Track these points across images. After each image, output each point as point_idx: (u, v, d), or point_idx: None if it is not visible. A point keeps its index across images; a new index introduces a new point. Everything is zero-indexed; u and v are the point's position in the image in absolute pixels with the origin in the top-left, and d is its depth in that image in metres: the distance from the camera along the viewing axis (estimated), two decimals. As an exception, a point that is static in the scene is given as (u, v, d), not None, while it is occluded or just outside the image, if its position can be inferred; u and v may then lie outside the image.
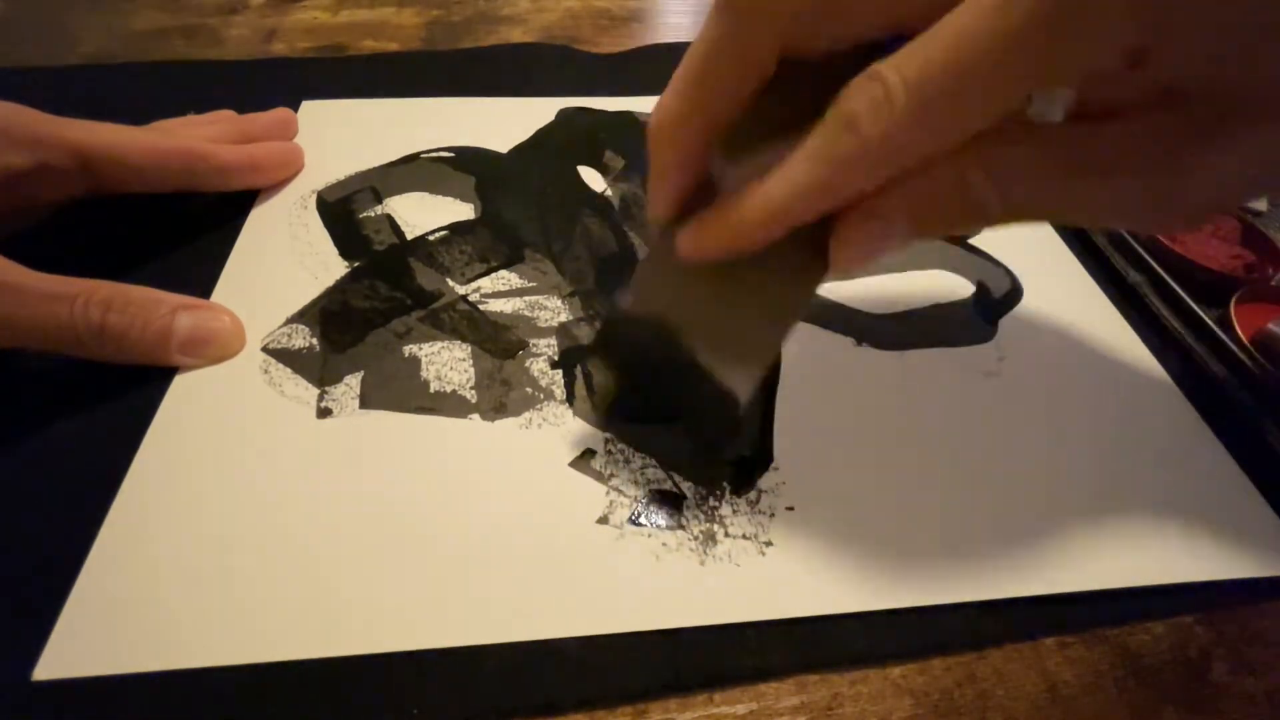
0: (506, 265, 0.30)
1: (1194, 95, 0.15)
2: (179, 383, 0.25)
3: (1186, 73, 0.14)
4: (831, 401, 0.26)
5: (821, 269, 0.17)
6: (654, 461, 0.23)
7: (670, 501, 0.22)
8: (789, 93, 0.17)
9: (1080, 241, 0.33)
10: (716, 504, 0.22)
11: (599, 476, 0.23)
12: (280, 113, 0.35)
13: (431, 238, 0.31)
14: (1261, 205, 0.35)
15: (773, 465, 0.24)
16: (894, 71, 0.14)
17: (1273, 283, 0.30)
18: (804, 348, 0.27)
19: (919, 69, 0.14)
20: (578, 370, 0.26)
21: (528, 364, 0.26)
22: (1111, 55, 0.14)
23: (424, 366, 0.26)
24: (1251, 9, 0.14)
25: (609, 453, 0.24)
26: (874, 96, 0.14)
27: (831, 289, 0.30)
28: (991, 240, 0.33)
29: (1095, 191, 0.16)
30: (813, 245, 0.17)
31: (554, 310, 0.28)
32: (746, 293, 0.17)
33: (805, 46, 0.17)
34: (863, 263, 0.17)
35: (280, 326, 0.27)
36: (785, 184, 0.16)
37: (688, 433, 0.20)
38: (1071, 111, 0.16)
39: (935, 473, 0.24)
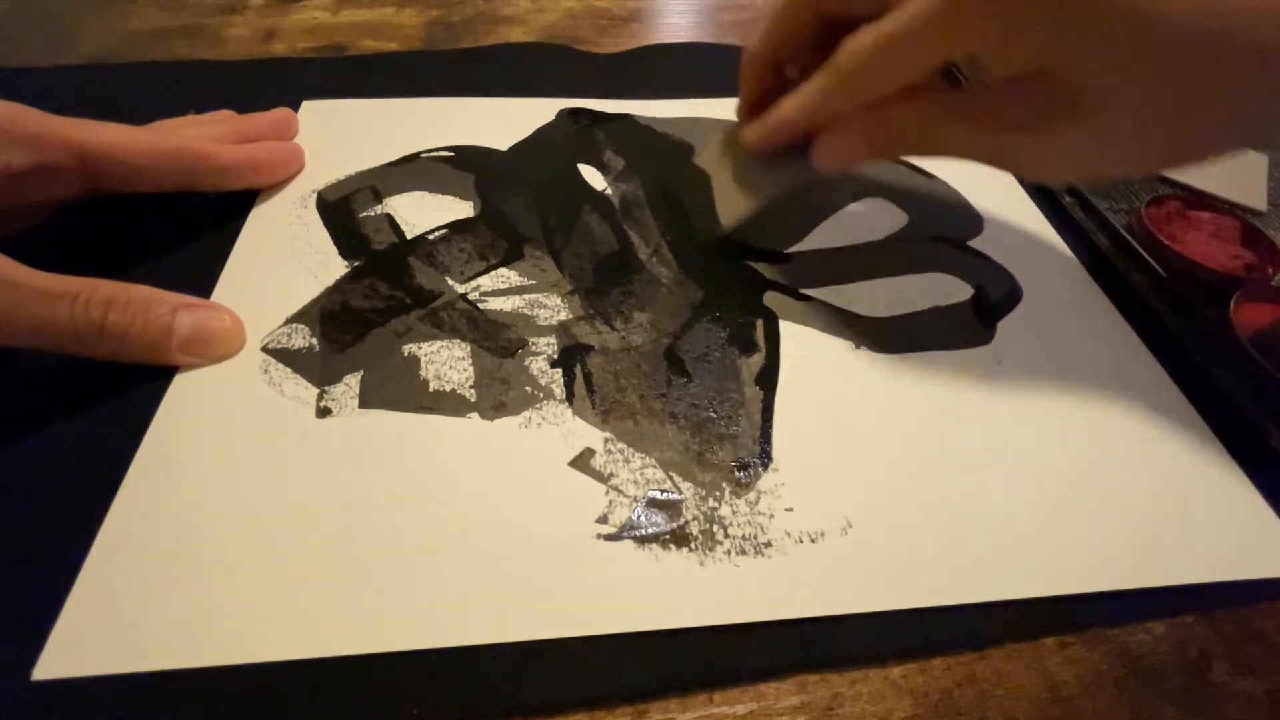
0: (506, 262, 0.30)
1: (1055, 81, 0.21)
2: (179, 382, 0.25)
3: (1041, 62, 0.21)
4: (831, 404, 0.26)
5: (803, 170, 0.27)
6: (654, 462, 0.23)
7: (670, 502, 0.22)
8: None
9: (1081, 242, 0.33)
10: (716, 505, 0.22)
11: (598, 476, 0.23)
12: (280, 113, 0.35)
13: (431, 236, 0.31)
14: (1261, 205, 0.35)
15: (772, 467, 0.24)
16: (864, 35, 0.22)
17: (1273, 283, 0.30)
18: (803, 351, 0.27)
19: (874, 37, 0.22)
20: (577, 369, 0.26)
21: (527, 363, 0.26)
22: (984, 43, 0.22)
23: (423, 365, 0.26)
24: (1058, 23, 0.20)
25: (609, 452, 0.24)
26: (850, 50, 0.23)
27: (829, 292, 0.30)
28: (991, 240, 0.33)
29: (983, 137, 0.23)
30: (802, 154, 0.27)
31: (554, 308, 0.28)
32: (761, 167, 0.29)
33: (842, 12, 0.25)
34: (834, 165, 0.26)
35: (280, 326, 0.27)
36: (797, 101, 0.26)
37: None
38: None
39: (935, 475, 0.24)
